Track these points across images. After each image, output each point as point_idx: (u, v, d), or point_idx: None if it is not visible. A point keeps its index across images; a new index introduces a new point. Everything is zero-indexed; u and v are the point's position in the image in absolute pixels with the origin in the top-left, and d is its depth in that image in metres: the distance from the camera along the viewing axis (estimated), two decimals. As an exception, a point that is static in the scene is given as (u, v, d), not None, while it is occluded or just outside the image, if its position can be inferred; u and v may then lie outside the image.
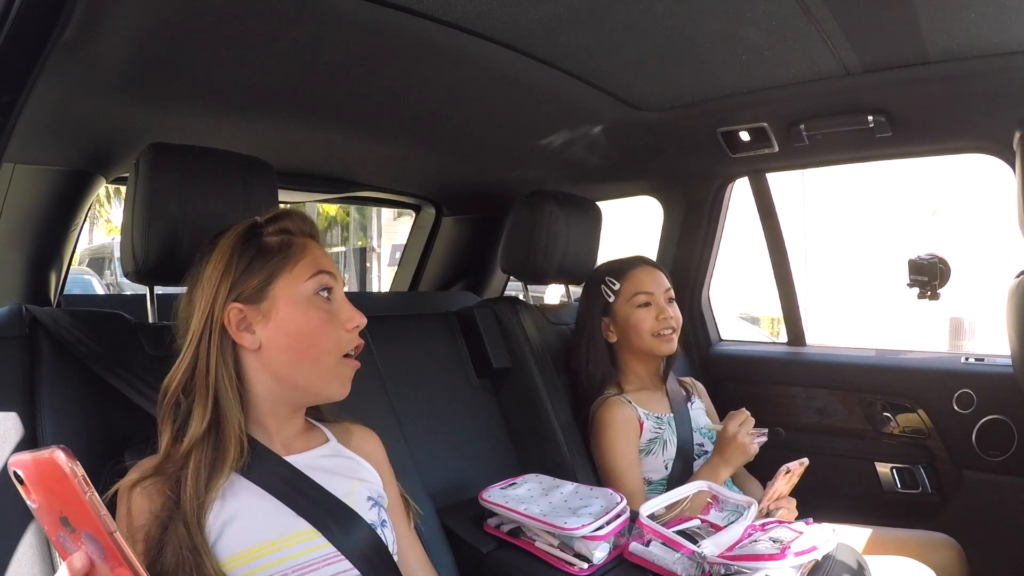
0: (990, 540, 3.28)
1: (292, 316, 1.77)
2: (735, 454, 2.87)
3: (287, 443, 1.85)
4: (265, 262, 1.78)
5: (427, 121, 3.21)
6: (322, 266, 1.83)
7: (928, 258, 3.51)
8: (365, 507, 1.85)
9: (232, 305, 1.73)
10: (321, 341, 1.80)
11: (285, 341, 1.77)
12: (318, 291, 1.81)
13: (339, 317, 1.83)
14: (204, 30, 2.13)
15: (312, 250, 1.85)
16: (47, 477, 1.05)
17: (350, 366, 1.86)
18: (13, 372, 1.83)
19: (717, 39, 2.64)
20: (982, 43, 2.67)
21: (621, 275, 3.25)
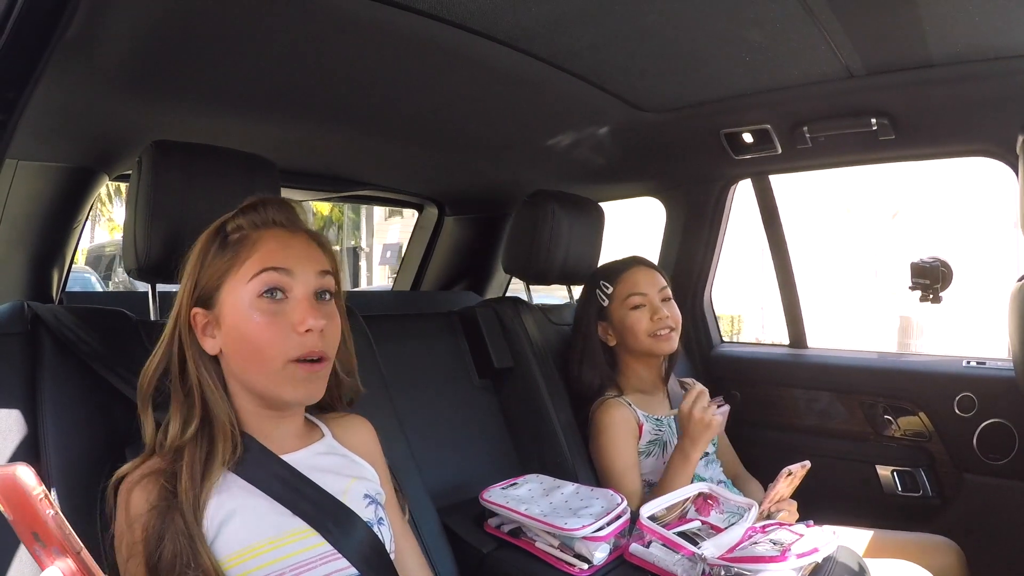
0: (991, 543, 3.27)
1: (235, 322, 1.70)
2: (698, 431, 2.82)
3: (283, 442, 1.82)
4: (219, 261, 1.74)
5: (430, 120, 3.21)
6: (269, 263, 1.72)
7: (930, 261, 3.50)
8: (361, 505, 1.84)
9: (195, 310, 1.72)
10: (264, 347, 1.69)
11: (235, 347, 1.72)
12: (262, 292, 1.70)
13: (290, 319, 1.70)
14: (207, 28, 2.14)
15: (265, 245, 1.75)
16: (11, 494, 1.05)
17: (302, 370, 1.72)
18: (15, 369, 1.83)
19: (721, 40, 2.64)
20: (986, 46, 2.67)
21: (614, 278, 3.24)
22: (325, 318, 1.73)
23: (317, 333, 1.70)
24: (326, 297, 1.79)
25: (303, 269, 1.74)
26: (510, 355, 3.29)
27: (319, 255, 1.81)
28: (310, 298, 1.74)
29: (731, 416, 3.02)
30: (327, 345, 1.75)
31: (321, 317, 1.71)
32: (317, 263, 1.78)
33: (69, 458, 1.76)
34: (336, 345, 1.81)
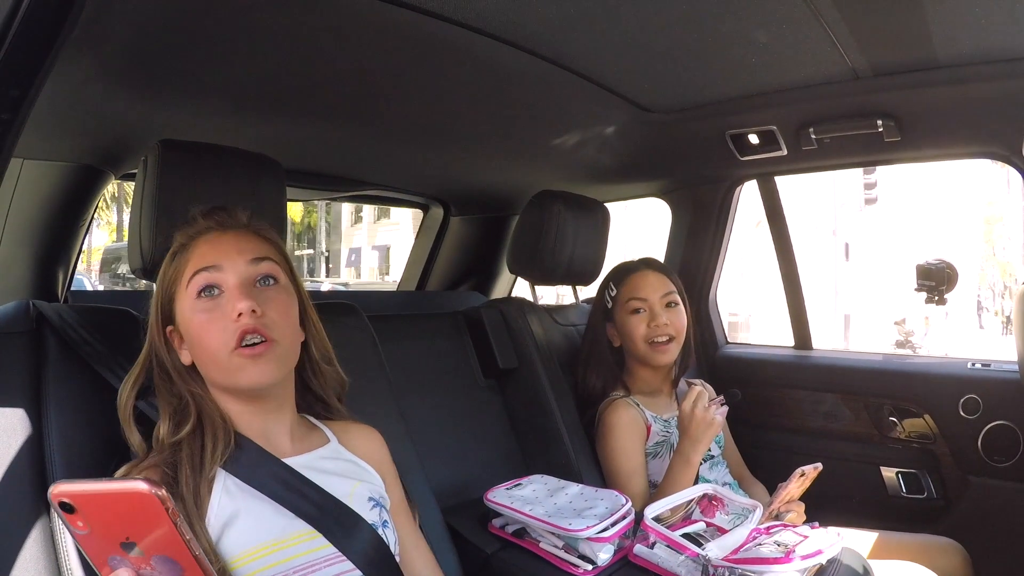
0: (995, 545, 3.27)
1: (187, 328, 1.75)
2: (699, 430, 2.79)
3: (284, 445, 1.83)
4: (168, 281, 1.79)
5: (436, 120, 3.21)
6: (199, 264, 1.76)
7: (936, 263, 3.51)
8: (366, 508, 1.83)
9: (168, 328, 1.77)
10: (209, 343, 1.72)
11: (194, 352, 1.76)
12: (199, 293, 1.73)
13: (225, 310, 1.72)
14: (214, 27, 2.14)
15: (197, 250, 1.78)
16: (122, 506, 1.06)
17: (245, 354, 1.70)
18: (19, 368, 1.83)
19: (726, 41, 2.63)
20: (992, 48, 2.66)
21: (620, 280, 3.23)
22: (261, 301, 1.74)
23: (249, 315, 1.70)
24: (269, 283, 1.80)
25: (231, 261, 1.76)
26: (515, 355, 3.29)
27: (252, 245, 1.82)
28: (242, 286, 1.74)
29: (736, 417, 3.03)
30: (269, 327, 1.73)
31: (251, 299, 1.71)
32: (248, 252, 1.79)
33: (73, 457, 1.76)
34: (284, 328, 1.79)
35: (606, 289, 3.27)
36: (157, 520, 1.05)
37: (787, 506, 2.72)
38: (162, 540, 1.06)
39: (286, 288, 1.84)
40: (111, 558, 1.07)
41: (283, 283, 1.83)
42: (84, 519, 1.06)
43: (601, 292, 3.31)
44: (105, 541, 1.07)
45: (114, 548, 1.07)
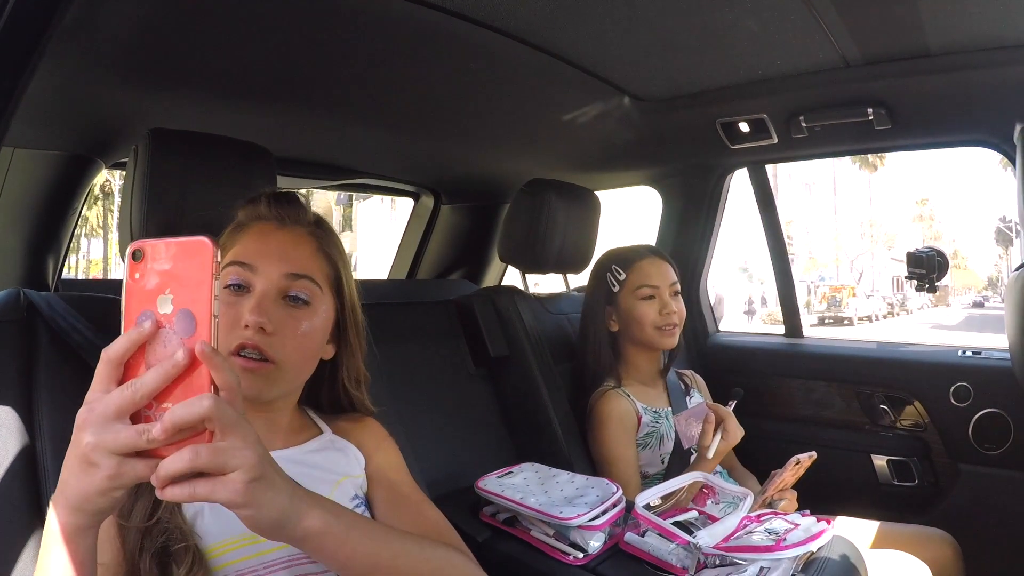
0: (985, 533, 3.29)
1: None
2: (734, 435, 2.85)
3: (272, 437, 1.80)
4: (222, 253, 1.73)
5: (426, 109, 3.21)
6: (238, 257, 1.72)
7: (926, 251, 3.52)
8: (348, 506, 1.77)
9: None
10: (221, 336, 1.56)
11: None
12: (227, 284, 1.70)
13: (241, 312, 1.66)
14: (204, 16, 2.13)
15: (245, 239, 1.77)
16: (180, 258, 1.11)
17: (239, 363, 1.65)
18: (10, 357, 1.82)
19: (717, 30, 2.63)
20: (983, 35, 2.67)
21: (628, 265, 3.23)
22: (278, 319, 1.69)
23: (256, 331, 1.66)
24: (298, 302, 1.74)
25: (267, 267, 1.72)
26: (506, 344, 3.29)
27: (299, 254, 1.78)
28: (267, 296, 1.70)
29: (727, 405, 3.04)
30: (274, 348, 1.69)
31: (263, 315, 1.66)
32: (289, 264, 1.74)
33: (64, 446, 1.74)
34: (293, 352, 1.73)
35: (609, 273, 3.26)
36: (201, 271, 1.09)
37: (780, 493, 2.73)
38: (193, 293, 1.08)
39: (316, 310, 1.78)
40: (142, 314, 1.10)
41: (316, 304, 1.77)
42: (144, 268, 1.11)
43: (601, 276, 3.30)
44: (149, 292, 1.09)
45: (151, 301, 1.09)
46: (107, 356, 1.13)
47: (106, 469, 1.10)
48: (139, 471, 1.09)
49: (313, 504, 1.28)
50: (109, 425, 1.10)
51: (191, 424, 1.08)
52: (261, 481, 1.13)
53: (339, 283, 1.84)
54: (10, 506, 1.68)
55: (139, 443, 1.08)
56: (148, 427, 1.08)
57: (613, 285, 3.22)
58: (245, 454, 1.11)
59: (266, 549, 1.64)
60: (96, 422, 1.11)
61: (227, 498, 1.10)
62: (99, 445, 1.10)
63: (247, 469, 1.10)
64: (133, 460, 1.10)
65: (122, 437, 1.09)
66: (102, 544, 1.44)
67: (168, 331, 1.11)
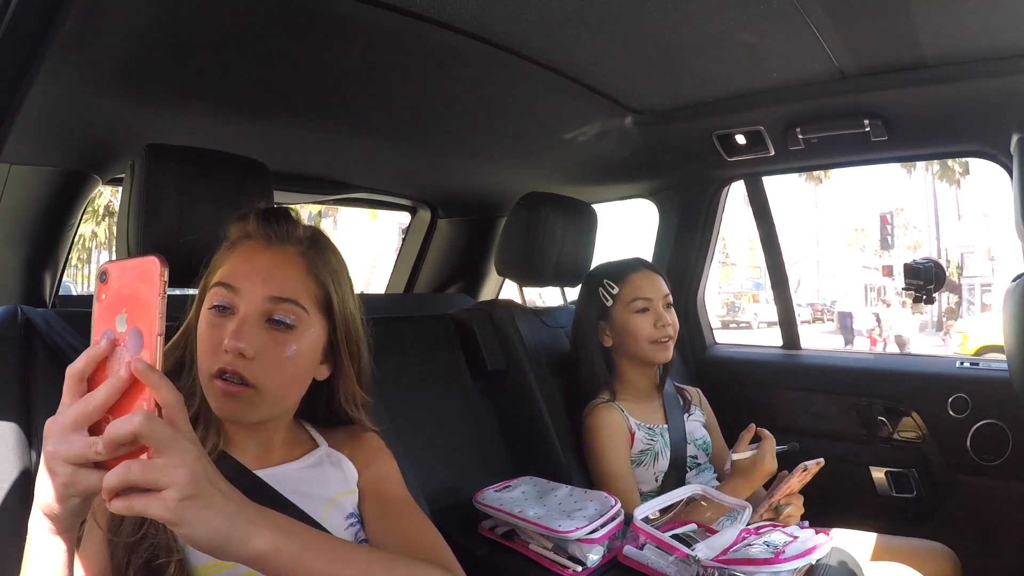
0: (983, 544, 3.28)
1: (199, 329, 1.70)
2: (760, 480, 2.88)
3: (261, 454, 1.78)
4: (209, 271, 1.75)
5: (423, 123, 3.21)
6: (223, 278, 1.69)
7: (923, 263, 3.53)
8: (342, 525, 1.79)
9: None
10: (201, 357, 1.68)
11: None
12: (213, 305, 1.67)
13: (223, 334, 1.63)
14: (200, 31, 2.13)
15: (233, 258, 1.73)
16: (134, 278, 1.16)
17: (219, 386, 1.64)
18: (8, 373, 1.82)
19: (713, 42, 2.64)
20: (979, 46, 2.67)
21: (620, 279, 3.21)
22: (258, 343, 1.65)
23: (236, 356, 1.62)
24: (281, 325, 1.69)
25: (251, 290, 1.68)
26: (503, 358, 3.29)
27: (284, 276, 1.73)
28: (247, 320, 1.66)
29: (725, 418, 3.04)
30: (255, 373, 1.65)
31: (244, 340, 1.63)
32: (273, 287, 1.69)
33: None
34: (276, 377, 1.69)
35: (601, 287, 3.24)
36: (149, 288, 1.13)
37: (788, 499, 2.73)
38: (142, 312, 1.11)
39: (302, 333, 1.73)
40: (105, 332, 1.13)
41: (302, 327, 1.72)
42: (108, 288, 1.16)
43: (593, 290, 3.28)
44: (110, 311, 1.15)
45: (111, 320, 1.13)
46: (70, 371, 1.18)
47: (62, 476, 1.13)
48: (91, 481, 1.12)
49: (262, 524, 1.27)
50: (66, 436, 1.13)
51: (125, 440, 1.10)
52: (196, 499, 1.13)
53: (329, 304, 1.79)
54: (9, 522, 1.67)
55: (89, 454, 1.11)
56: (96, 440, 1.10)
57: (606, 299, 3.20)
58: (178, 472, 1.12)
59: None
60: (56, 432, 1.14)
61: (159, 514, 1.11)
62: (56, 454, 1.13)
63: (179, 487, 1.11)
64: (87, 470, 1.12)
65: (75, 447, 1.12)
66: (91, 558, 1.48)
67: (122, 349, 1.14)
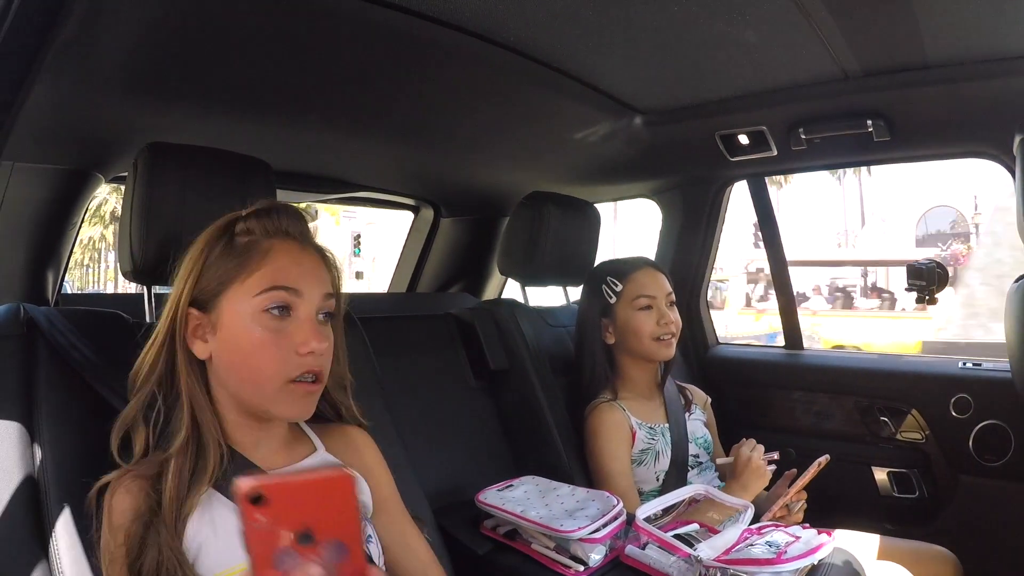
0: (985, 544, 3.28)
1: (235, 333, 1.67)
2: (751, 479, 2.87)
3: (267, 456, 1.78)
4: (225, 265, 1.68)
5: (425, 122, 3.21)
6: (280, 280, 1.67)
7: (925, 263, 3.52)
8: None
9: (189, 310, 1.68)
10: (262, 364, 1.66)
11: (228, 358, 1.69)
12: (268, 308, 1.66)
13: (292, 339, 1.66)
14: (203, 30, 2.13)
15: (276, 258, 1.70)
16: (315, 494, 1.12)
17: (300, 390, 1.69)
18: (10, 372, 1.82)
19: (716, 42, 2.64)
20: (982, 47, 2.67)
21: (623, 276, 3.21)
22: (326, 340, 1.71)
23: (314, 356, 1.68)
24: (330, 318, 1.76)
25: (311, 290, 1.71)
26: (506, 357, 3.29)
27: (326, 275, 1.78)
28: (313, 319, 1.70)
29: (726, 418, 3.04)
30: (323, 367, 1.72)
31: (324, 339, 1.69)
32: (324, 284, 1.75)
33: (64, 462, 1.75)
34: (328, 367, 1.76)
35: (605, 285, 3.24)
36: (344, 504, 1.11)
37: (799, 496, 2.74)
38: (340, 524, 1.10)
39: (335, 324, 1.81)
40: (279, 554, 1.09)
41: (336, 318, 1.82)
42: (270, 511, 1.08)
43: (597, 287, 3.27)
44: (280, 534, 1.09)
45: (286, 540, 1.09)
46: None
47: None
48: None
49: None
50: None
51: None
52: None
53: (340, 296, 1.84)
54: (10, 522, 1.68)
55: None
56: None
57: (609, 296, 3.20)
58: None
59: None
60: None
61: None
62: None
63: None
64: None
65: None
66: None
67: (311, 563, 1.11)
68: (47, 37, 1.61)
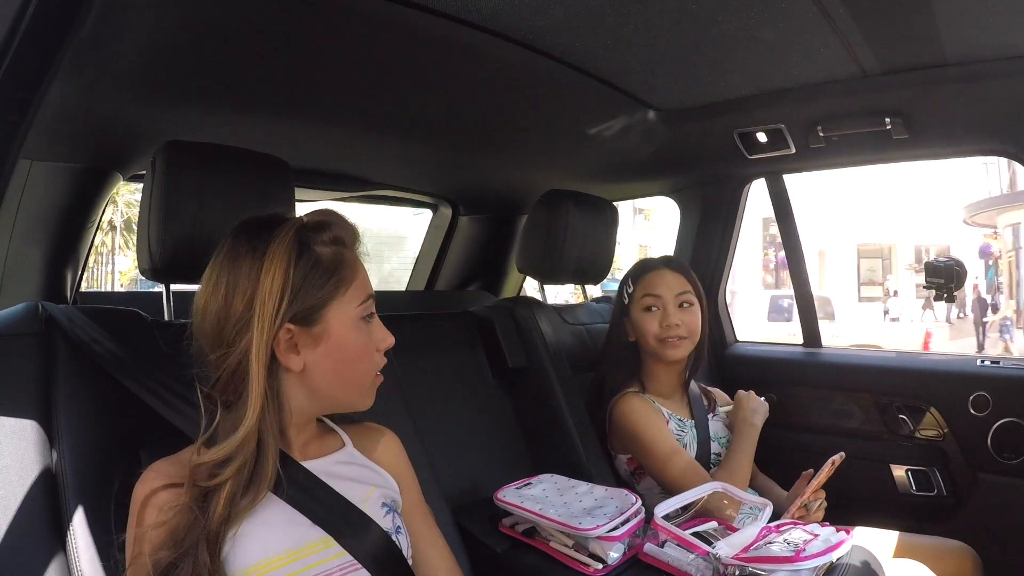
0: (1005, 543, 3.26)
1: (343, 342, 1.75)
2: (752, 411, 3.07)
3: (301, 448, 1.82)
4: (321, 282, 1.72)
5: (444, 120, 3.22)
6: (368, 289, 1.82)
7: (944, 261, 3.51)
8: (380, 513, 1.82)
9: (285, 326, 1.68)
10: (364, 365, 1.82)
11: (331, 365, 1.76)
12: (365, 316, 1.79)
13: (374, 337, 1.83)
14: (221, 29, 2.14)
15: (360, 269, 1.82)
16: None
17: (379, 381, 1.88)
18: (29, 369, 1.82)
19: (734, 40, 2.63)
20: (1000, 45, 2.66)
21: (638, 277, 3.23)
22: None
23: None
24: None
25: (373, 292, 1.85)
26: (524, 355, 3.29)
27: None
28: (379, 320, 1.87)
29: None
30: None
31: None
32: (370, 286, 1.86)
33: (82, 458, 1.75)
34: None
35: (624, 285, 3.27)
36: None
37: (815, 495, 2.74)
38: None
39: None
40: None
41: None
42: None
43: (620, 288, 3.31)
44: None
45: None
46: None
47: None
48: None
49: None
50: None
51: None
52: None
53: None
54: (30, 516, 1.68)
55: None
56: None
57: (625, 298, 3.23)
58: None
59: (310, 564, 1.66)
60: None
61: None
62: None
63: None
64: None
65: None
66: None
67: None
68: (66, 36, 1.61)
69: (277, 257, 1.67)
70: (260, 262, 1.67)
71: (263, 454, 1.64)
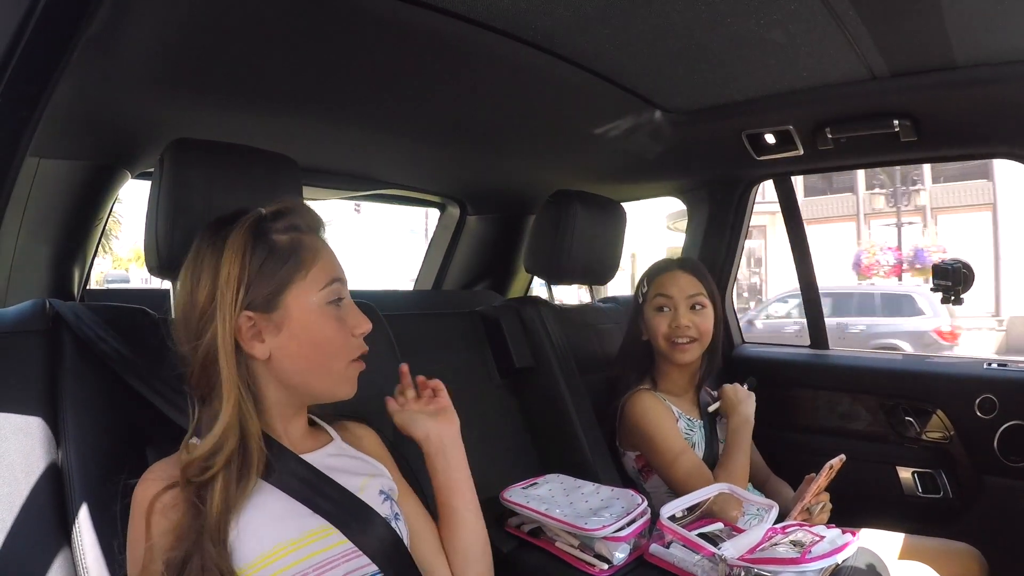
0: (1011, 546, 3.26)
1: (305, 326, 1.75)
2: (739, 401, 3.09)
3: (296, 443, 1.83)
4: (277, 267, 1.73)
5: (453, 120, 3.22)
6: (335, 273, 1.81)
7: (951, 263, 3.51)
8: (378, 501, 1.84)
9: (244, 314, 1.70)
10: (333, 350, 1.80)
11: (297, 351, 1.76)
12: (331, 300, 1.78)
13: (347, 323, 1.81)
14: (230, 26, 2.14)
15: (324, 253, 1.81)
16: None
17: (357, 368, 1.85)
18: (35, 366, 1.82)
19: (743, 41, 2.63)
20: (1010, 48, 2.66)
21: (653, 276, 3.25)
22: None
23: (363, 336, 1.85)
24: None
25: (343, 276, 1.84)
26: (531, 355, 3.30)
27: None
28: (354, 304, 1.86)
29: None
30: None
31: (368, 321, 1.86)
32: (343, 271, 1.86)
33: (89, 456, 1.75)
34: None
35: (640, 284, 3.29)
36: None
37: (818, 498, 2.74)
38: None
39: None
40: None
41: None
42: None
43: (637, 286, 3.33)
44: None
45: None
46: None
47: None
48: None
49: None
50: None
51: None
52: None
53: None
54: (36, 513, 1.68)
55: None
56: None
57: (640, 297, 3.25)
58: None
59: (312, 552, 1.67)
60: None
61: None
62: None
63: None
64: None
65: None
66: None
67: None
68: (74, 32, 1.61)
69: (235, 247, 1.70)
70: (220, 254, 1.70)
71: (247, 443, 1.66)
